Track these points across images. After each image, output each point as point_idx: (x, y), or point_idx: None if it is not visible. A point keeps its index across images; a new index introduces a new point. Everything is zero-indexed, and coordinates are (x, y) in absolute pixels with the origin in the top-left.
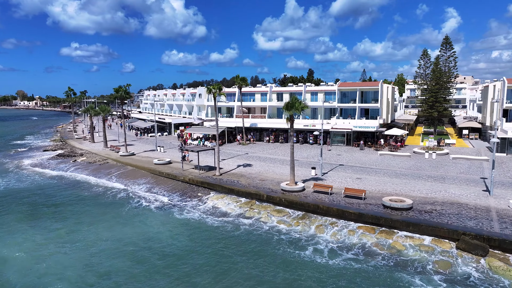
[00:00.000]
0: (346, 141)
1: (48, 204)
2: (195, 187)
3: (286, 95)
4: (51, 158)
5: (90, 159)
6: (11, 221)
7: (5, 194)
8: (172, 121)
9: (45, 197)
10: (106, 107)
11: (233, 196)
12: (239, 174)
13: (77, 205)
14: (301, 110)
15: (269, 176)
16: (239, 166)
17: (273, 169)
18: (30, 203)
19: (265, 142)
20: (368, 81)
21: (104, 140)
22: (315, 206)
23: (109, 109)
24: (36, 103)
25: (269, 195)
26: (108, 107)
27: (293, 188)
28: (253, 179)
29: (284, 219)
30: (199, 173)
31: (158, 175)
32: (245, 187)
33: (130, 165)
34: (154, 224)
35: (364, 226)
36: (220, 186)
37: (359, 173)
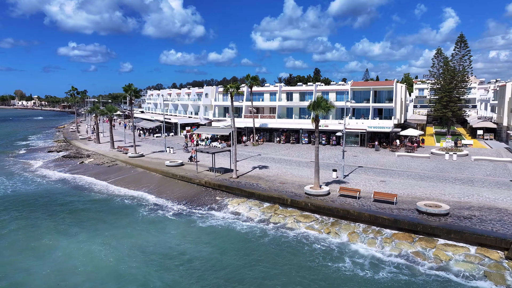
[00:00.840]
0: (360, 142)
1: (60, 209)
2: (211, 191)
3: (296, 95)
4: (57, 160)
5: (98, 161)
6: (24, 228)
7: (14, 198)
8: (178, 121)
9: (55, 201)
10: (113, 107)
11: (254, 200)
12: (256, 177)
13: (90, 210)
14: (327, 110)
15: (289, 179)
16: (254, 168)
17: (291, 171)
18: (41, 208)
19: (276, 143)
20: (381, 81)
21: (111, 141)
22: (345, 211)
23: (117, 109)
24: (35, 103)
25: (293, 199)
26: (115, 107)
27: (318, 192)
28: (272, 182)
29: (313, 225)
30: (215, 175)
31: (171, 177)
32: (266, 190)
33: (141, 167)
34: (176, 232)
35: (400, 233)
36: (239, 190)
37: (381, 176)
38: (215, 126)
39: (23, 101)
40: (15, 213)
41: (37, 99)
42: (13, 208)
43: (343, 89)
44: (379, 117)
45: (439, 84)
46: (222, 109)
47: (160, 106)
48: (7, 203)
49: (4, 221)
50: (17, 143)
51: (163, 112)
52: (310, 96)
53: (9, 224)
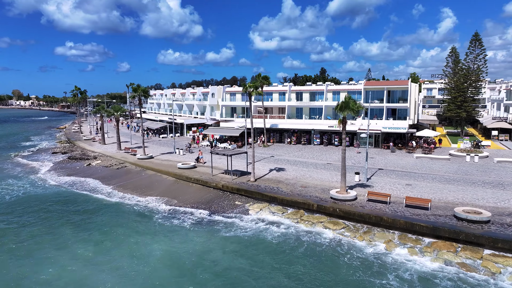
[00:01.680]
0: (374, 143)
1: (76, 216)
2: (229, 195)
3: (306, 94)
4: (62, 162)
5: (105, 163)
6: (41, 236)
7: (26, 203)
8: (184, 121)
9: (69, 206)
10: (119, 107)
11: (276, 205)
12: (275, 180)
13: (105, 216)
14: (356, 111)
15: (310, 182)
16: (271, 171)
17: (309, 174)
18: (56, 214)
19: (286, 144)
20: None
21: (118, 142)
22: (378, 217)
23: (124, 109)
24: (32, 103)
25: (320, 204)
26: (122, 107)
27: (346, 197)
28: (293, 186)
29: (344, 232)
30: (232, 178)
31: (185, 180)
32: (289, 195)
33: (152, 169)
34: (202, 241)
35: (439, 242)
36: (260, 194)
37: (404, 179)
38: (225, 127)
39: (21, 101)
40: (30, 219)
41: (35, 99)
42: (27, 214)
43: (355, 88)
44: (393, 117)
45: (453, 84)
46: (229, 109)
47: (163, 106)
48: (19, 207)
49: (20, 229)
50: (20, 144)
51: (170, 113)
52: (320, 96)
53: (25, 232)
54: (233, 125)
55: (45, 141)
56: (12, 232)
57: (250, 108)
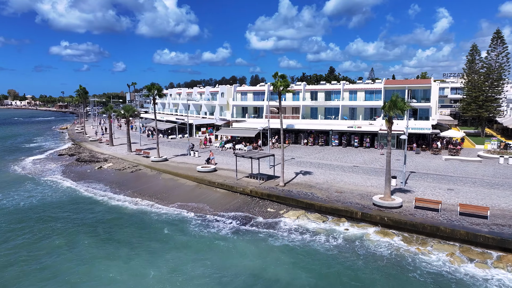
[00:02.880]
0: (396, 144)
1: (99, 227)
2: (259, 201)
3: (321, 94)
4: (71, 164)
5: (118, 166)
6: (62, 248)
7: (42, 211)
8: (194, 121)
9: (89, 215)
10: (130, 107)
11: (314, 212)
12: (305, 185)
13: (132, 227)
14: (404, 110)
15: (344, 187)
16: (297, 174)
17: (340, 177)
18: (76, 224)
19: (303, 145)
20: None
21: (128, 143)
22: (433, 227)
23: (134, 109)
24: (29, 102)
25: (365, 212)
26: (134, 107)
27: (391, 204)
28: (327, 191)
29: (399, 244)
30: (259, 183)
31: (208, 185)
32: (327, 201)
33: (169, 173)
34: (250, 253)
35: (510, 255)
36: (294, 200)
37: (442, 183)
38: (239, 127)
39: (17, 101)
40: (48, 231)
41: (31, 99)
42: (44, 223)
43: (373, 87)
44: (414, 117)
45: (473, 82)
46: (241, 109)
47: (168, 106)
48: (35, 215)
49: (38, 242)
50: (24, 146)
51: (176, 113)
52: (336, 96)
53: (43, 246)
54: (245, 125)
55: (49, 142)
56: (29, 246)
57: (280, 108)
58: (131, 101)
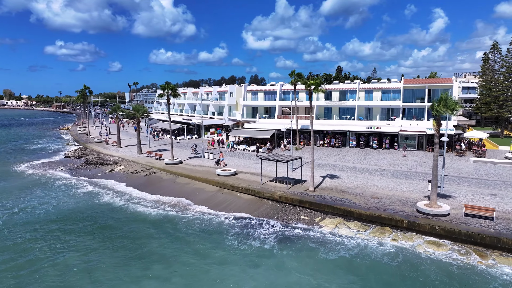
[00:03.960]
0: (417, 145)
1: (119, 236)
2: (290, 207)
3: (336, 94)
4: (80, 167)
5: (130, 169)
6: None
7: (58, 219)
8: (202, 122)
9: (106, 221)
10: (141, 107)
11: (353, 220)
12: (336, 189)
13: (159, 239)
14: (454, 110)
15: (379, 193)
16: (324, 178)
17: (370, 181)
18: (103, 234)
19: (318, 146)
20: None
21: (138, 145)
22: (494, 238)
23: (146, 109)
24: (25, 102)
25: (412, 221)
26: (144, 107)
27: (439, 211)
28: (362, 197)
29: (457, 256)
30: (287, 187)
31: (231, 190)
32: (367, 209)
33: (187, 176)
34: (306, 267)
35: None
36: (329, 207)
37: (481, 187)
38: (253, 128)
39: (13, 101)
40: (68, 244)
41: (27, 98)
42: (64, 234)
43: (390, 87)
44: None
45: (494, 82)
46: (251, 109)
47: (172, 106)
48: (54, 226)
49: (62, 257)
50: (27, 147)
51: (181, 113)
52: (351, 95)
53: (69, 263)
54: (257, 126)
55: (52, 144)
56: (49, 262)
57: (310, 107)
58: (131, 101)
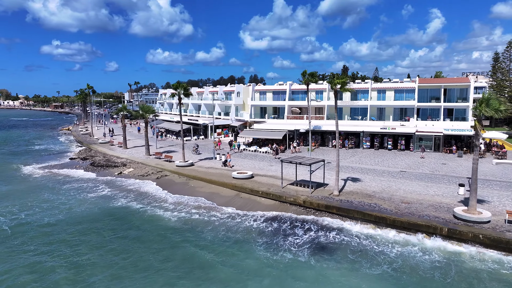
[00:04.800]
0: (433, 147)
1: (142, 247)
2: (316, 213)
3: (347, 93)
4: (87, 170)
5: (140, 171)
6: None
7: (72, 226)
8: (209, 122)
9: (125, 230)
10: (149, 107)
11: (385, 227)
12: (362, 194)
13: (185, 248)
14: (500, 111)
15: (408, 197)
16: (346, 182)
17: (395, 185)
18: (116, 245)
19: (331, 147)
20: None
21: (146, 146)
22: None
23: (153, 109)
24: (22, 102)
25: (452, 228)
26: (153, 108)
27: (480, 218)
28: (391, 202)
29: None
30: (310, 191)
31: (250, 194)
32: (402, 215)
33: (201, 179)
34: (351, 282)
35: None
36: (360, 213)
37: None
38: (263, 128)
39: (9, 101)
40: (86, 258)
41: (24, 98)
42: (82, 245)
43: (404, 87)
44: (449, 118)
45: (508, 81)
46: (259, 109)
47: (176, 107)
48: (68, 235)
49: (89, 268)
50: (30, 148)
51: (185, 113)
52: (363, 95)
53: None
54: (266, 126)
55: (55, 145)
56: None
57: (336, 107)
58: (130, 101)
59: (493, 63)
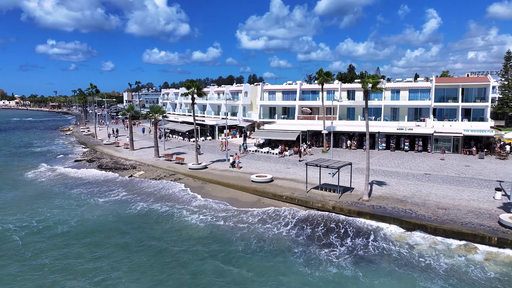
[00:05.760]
0: (452, 148)
1: (171, 257)
2: (345, 219)
3: (359, 93)
4: (95, 172)
5: (151, 174)
6: None
7: (88, 235)
8: (216, 123)
9: (149, 240)
10: (159, 108)
11: (424, 233)
12: (392, 198)
13: (216, 259)
14: None
15: (443, 202)
16: (372, 185)
17: (424, 189)
18: (136, 258)
19: (345, 149)
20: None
21: (156, 148)
22: None
23: (164, 110)
24: (17, 102)
25: (502, 238)
26: (162, 108)
27: None
28: (426, 207)
29: None
30: (337, 196)
31: (273, 199)
32: (443, 222)
33: (218, 183)
34: None
35: None
36: (396, 220)
37: None
38: (275, 129)
39: (5, 101)
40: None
41: (20, 98)
42: (104, 262)
43: (419, 86)
44: (467, 118)
45: None
46: (268, 109)
47: (179, 107)
48: (83, 247)
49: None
50: (32, 150)
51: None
52: (376, 95)
53: None
54: (276, 127)
55: (57, 146)
56: None
57: (366, 108)
58: (129, 101)
59: (505, 62)
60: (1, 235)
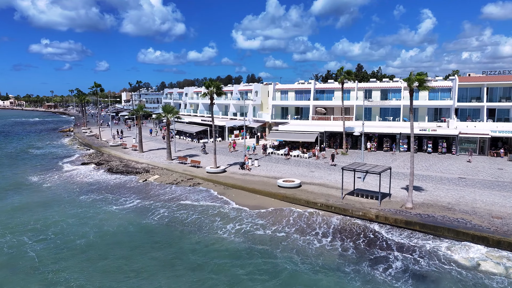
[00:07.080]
0: (478, 149)
1: (208, 273)
2: (390, 229)
3: (376, 92)
4: (107, 176)
5: (167, 179)
6: None
7: (109, 253)
8: (226, 124)
9: (180, 254)
10: (172, 108)
11: (485, 247)
12: (437, 206)
13: (263, 279)
14: None
15: (494, 210)
16: (405, 190)
17: (467, 195)
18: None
19: (365, 151)
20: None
21: (168, 150)
22: None
23: (176, 110)
24: (12, 102)
25: None
26: (175, 108)
27: None
28: (478, 216)
29: None
30: (378, 204)
31: (305, 206)
32: (506, 234)
33: (242, 188)
34: None
35: None
36: (452, 231)
37: None
38: (291, 130)
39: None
40: None
41: (14, 98)
42: (131, 276)
43: (440, 85)
44: (491, 119)
45: None
46: (280, 109)
47: (183, 107)
48: (104, 268)
49: None
50: (34, 152)
51: (195, 113)
52: (394, 95)
53: None
54: (289, 128)
55: (58, 149)
56: None
57: (411, 108)
58: (128, 101)
59: None
60: (17, 250)
